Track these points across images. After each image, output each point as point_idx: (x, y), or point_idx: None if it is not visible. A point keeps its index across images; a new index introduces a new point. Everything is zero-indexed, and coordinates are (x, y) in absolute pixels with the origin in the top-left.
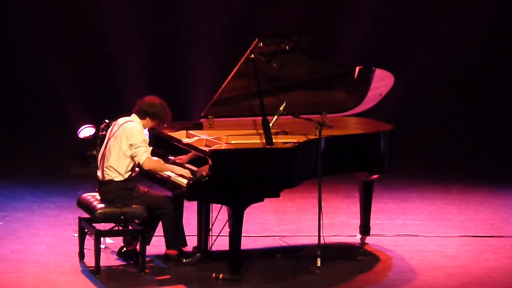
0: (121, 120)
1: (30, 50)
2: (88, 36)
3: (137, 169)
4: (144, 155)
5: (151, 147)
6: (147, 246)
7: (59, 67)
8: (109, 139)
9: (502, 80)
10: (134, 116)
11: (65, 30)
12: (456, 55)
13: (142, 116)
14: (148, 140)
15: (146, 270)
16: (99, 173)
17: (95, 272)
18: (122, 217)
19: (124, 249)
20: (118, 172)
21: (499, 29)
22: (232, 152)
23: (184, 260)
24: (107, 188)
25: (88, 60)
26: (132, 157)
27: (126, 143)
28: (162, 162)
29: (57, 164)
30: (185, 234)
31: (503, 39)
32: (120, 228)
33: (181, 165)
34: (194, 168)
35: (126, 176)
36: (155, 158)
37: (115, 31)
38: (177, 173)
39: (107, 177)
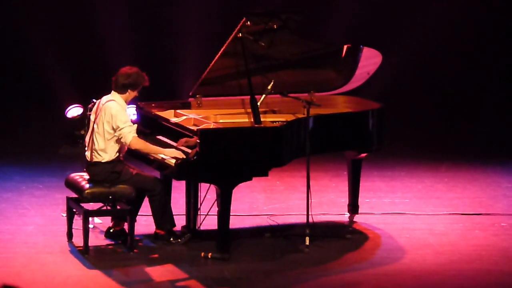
0: (103, 100)
1: (16, 29)
2: (75, 14)
3: (126, 147)
4: (130, 136)
5: (136, 125)
6: (136, 226)
7: (47, 46)
8: (94, 120)
9: (492, 58)
10: (114, 94)
11: (52, 8)
12: (446, 33)
13: (122, 90)
14: (130, 118)
15: (135, 250)
16: (87, 154)
17: (83, 252)
18: (110, 197)
19: (112, 229)
20: (106, 154)
21: (492, 8)
22: (220, 131)
23: (173, 240)
24: (94, 170)
25: (75, 39)
26: (119, 139)
27: (109, 126)
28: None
29: (45, 144)
30: (174, 214)
31: (496, 18)
32: (109, 208)
33: (171, 145)
34: (187, 150)
35: (114, 157)
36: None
37: (104, 9)
38: (169, 155)
39: (94, 159)
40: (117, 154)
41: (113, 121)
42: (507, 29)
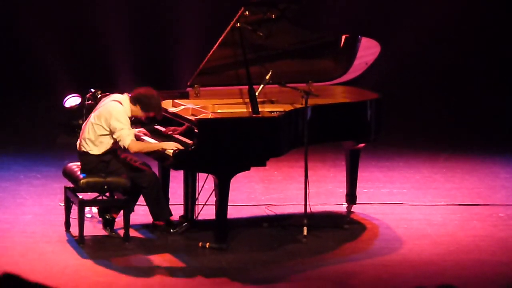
0: (113, 96)
1: (14, 18)
2: (74, 4)
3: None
4: (128, 139)
5: (135, 129)
6: (134, 216)
7: (45, 36)
8: (95, 110)
9: (491, 49)
10: (126, 99)
11: None
12: (445, 23)
13: (134, 102)
14: (129, 121)
15: (132, 240)
16: (77, 143)
17: (79, 242)
18: (105, 186)
19: (108, 215)
20: (95, 147)
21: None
22: (218, 121)
23: (171, 230)
24: (84, 159)
25: (73, 29)
26: (115, 141)
27: (106, 124)
28: (149, 141)
29: (43, 133)
30: (172, 204)
31: (496, 11)
32: (104, 197)
33: (170, 137)
34: (187, 141)
35: (102, 152)
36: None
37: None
38: (168, 148)
39: (83, 149)
40: (105, 150)
41: (110, 120)
42: (508, 23)
